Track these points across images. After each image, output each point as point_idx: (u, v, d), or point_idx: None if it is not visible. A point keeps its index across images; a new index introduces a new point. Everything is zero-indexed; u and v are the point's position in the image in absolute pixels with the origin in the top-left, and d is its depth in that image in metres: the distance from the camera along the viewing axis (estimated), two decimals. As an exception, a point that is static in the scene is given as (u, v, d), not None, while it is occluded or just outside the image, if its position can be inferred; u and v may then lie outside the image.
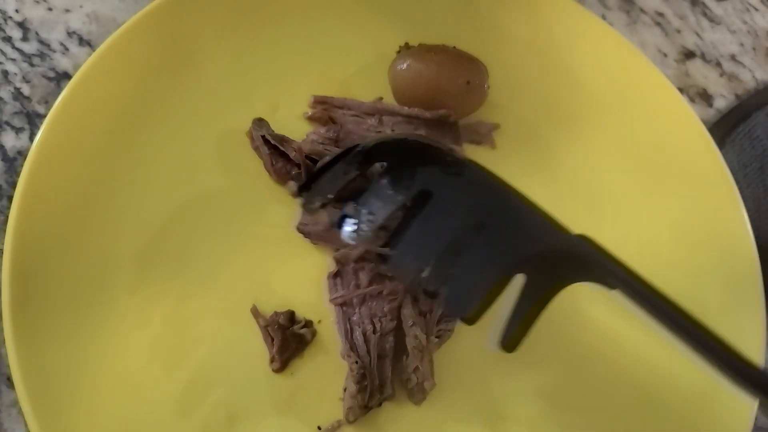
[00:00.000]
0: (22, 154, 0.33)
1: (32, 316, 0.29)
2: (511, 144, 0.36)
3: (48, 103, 0.34)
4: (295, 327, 0.31)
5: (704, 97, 0.41)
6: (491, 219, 0.27)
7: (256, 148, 0.34)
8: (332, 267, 0.32)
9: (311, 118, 0.35)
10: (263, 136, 0.33)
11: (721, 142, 0.39)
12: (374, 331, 0.30)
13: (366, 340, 0.30)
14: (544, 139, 0.37)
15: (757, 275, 0.34)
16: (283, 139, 0.33)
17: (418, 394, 0.30)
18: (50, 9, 0.36)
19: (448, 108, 0.34)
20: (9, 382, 0.29)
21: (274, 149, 0.33)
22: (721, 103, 0.41)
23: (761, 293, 0.33)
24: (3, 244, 0.31)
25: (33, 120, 0.34)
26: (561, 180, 0.36)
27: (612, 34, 0.38)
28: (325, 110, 0.35)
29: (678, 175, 0.36)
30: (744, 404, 0.31)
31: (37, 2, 0.36)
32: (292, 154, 0.32)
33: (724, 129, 0.39)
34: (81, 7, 0.37)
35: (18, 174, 0.33)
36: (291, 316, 0.31)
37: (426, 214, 0.28)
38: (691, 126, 0.37)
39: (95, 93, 0.32)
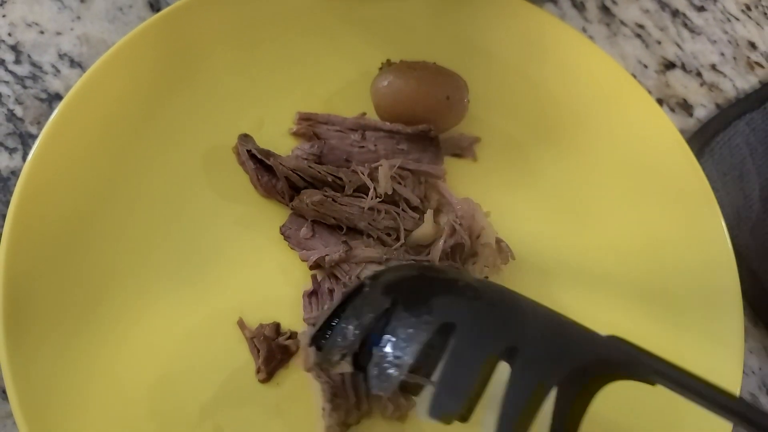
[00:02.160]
0: (15, 174, 0.34)
1: (26, 330, 0.29)
2: (493, 157, 0.37)
3: (40, 123, 0.35)
4: (281, 338, 0.32)
5: (684, 107, 0.42)
6: (521, 339, 0.25)
7: (242, 163, 0.34)
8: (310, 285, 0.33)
9: (296, 134, 0.36)
10: (249, 151, 0.34)
11: (700, 151, 0.39)
12: None
13: None
14: (524, 151, 0.37)
15: (735, 283, 0.34)
16: (268, 154, 0.34)
17: (395, 411, 0.30)
18: (42, 32, 0.37)
19: (429, 123, 0.35)
20: (3, 394, 0.30)
21: (259, 164, 0.34)
22: (702, 112, 0.42)
23: (739, 300, 0.34)
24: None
25: (26, 140, 0.35)
26: (542, 191, 0.37)
27: (590, 47, 0.39)
28: (309, 126, 0.36)
29: (658, 185, 0.37)
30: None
31: (29, 25, 0.37)
32: (278, 168, 0.33)
33: (704, 138, 0.40)
34: (72, 30, 0.38)
35: (11, 193, 0.34)
36: (276, 327, 0.32)
37: (453, 347, 0.26)
38: (669, 136, 0.37)
39: (86, 113, 0.33)
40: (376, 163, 0.34)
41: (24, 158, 0.35)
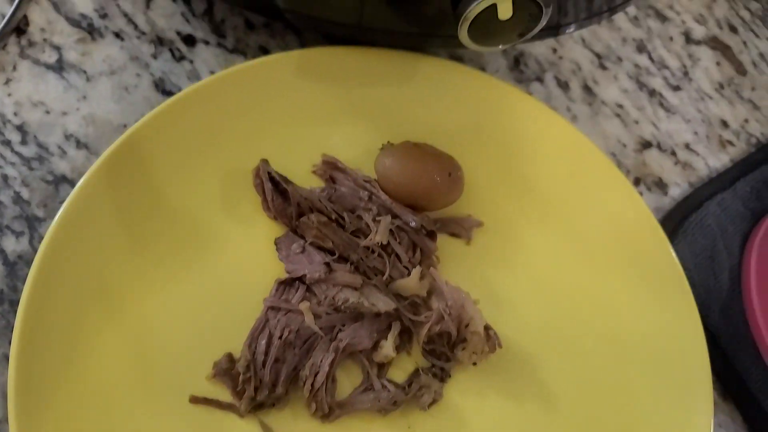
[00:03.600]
0: (22, 258, 0.35)
1: (37, 423, 0.30)
2: (481, 237, 0.39)
3: (47, 206, 0.36)
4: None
5: (660, 185, 0.45)
6: None
7: (258, 185, 0.36)
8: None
9: (315, 173, 0.39)
10: (269, 173, 0.36)
11: (674, 232, 0.42)
12: (280, 337, 0.34)
13: (268, 343, 0.33)
14: (513, 233, 0.39)
15: (705, 362, 0.37)
16: (286, 180, 0.36)
17: (318, 411, 0.33)
18: (48, 112, 0.38)
19: (433, 199, 0.37)
20: None
21: (275, 188, 0.36)
22: (676, 191, 0.45)
23: (709, 380, 0.36)
24: (3, 348, 0.33)
25: (32, 224, 0.36)
26: (530, 274, 0.39)
27: (570, 130, 0.40)
28: (328, 169, 0.38)
29: (632, 266, 0.39)
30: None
31: (35, 105, 0.38)
32: (293, 194, 0.35)
33: (678, 218, 0.43)
34: (78, 110, 0.38)
35: (18, 278, 0.35)
36: (228, 357, 0.34)
37: None
38: (644, 218, 0.39)
39: (99, 199, 0.33)
40: (379, 217, 0.36)
41: (30, 242, 0.35)
